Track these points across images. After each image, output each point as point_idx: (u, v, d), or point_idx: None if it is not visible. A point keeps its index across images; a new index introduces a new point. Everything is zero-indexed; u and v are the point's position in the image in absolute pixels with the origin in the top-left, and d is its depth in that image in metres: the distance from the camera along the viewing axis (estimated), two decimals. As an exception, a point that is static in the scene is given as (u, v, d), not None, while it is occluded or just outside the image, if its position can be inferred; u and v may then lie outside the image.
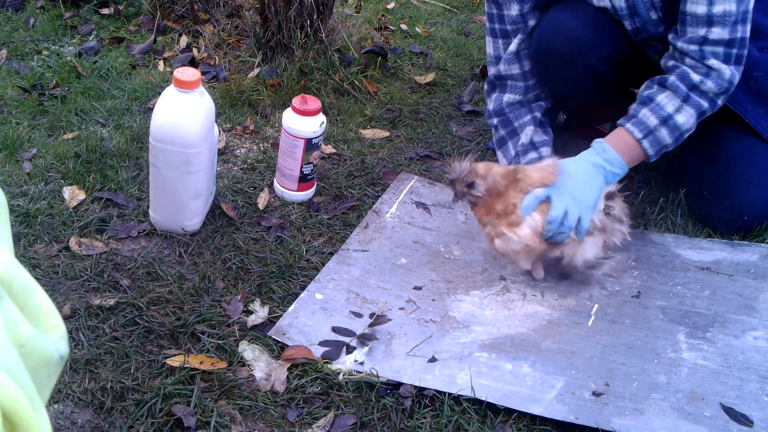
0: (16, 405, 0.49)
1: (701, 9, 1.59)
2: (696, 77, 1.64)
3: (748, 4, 1.59)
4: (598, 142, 1.70)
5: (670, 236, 1.84)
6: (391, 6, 3.24)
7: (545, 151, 1.84)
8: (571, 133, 2.16)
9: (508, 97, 1.89)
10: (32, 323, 0.56)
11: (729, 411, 1.36)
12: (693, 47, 1.62)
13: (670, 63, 1.68)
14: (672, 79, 1.66)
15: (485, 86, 1.97)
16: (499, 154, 1.91)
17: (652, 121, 1.67)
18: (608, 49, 1.79)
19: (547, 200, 1.59)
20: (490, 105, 1.93)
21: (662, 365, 1.46)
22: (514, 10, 1.82)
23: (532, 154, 1.83)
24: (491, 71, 1.92)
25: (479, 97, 2.50)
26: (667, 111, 1.66)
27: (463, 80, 2.61)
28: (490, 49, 1.92)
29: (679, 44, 1.64)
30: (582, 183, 1.63)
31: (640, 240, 1.82)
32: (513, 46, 1.86)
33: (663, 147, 1.70)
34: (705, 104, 1.66)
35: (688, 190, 1.91)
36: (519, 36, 1.85)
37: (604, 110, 2.11)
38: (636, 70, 1.95)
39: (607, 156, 1.67)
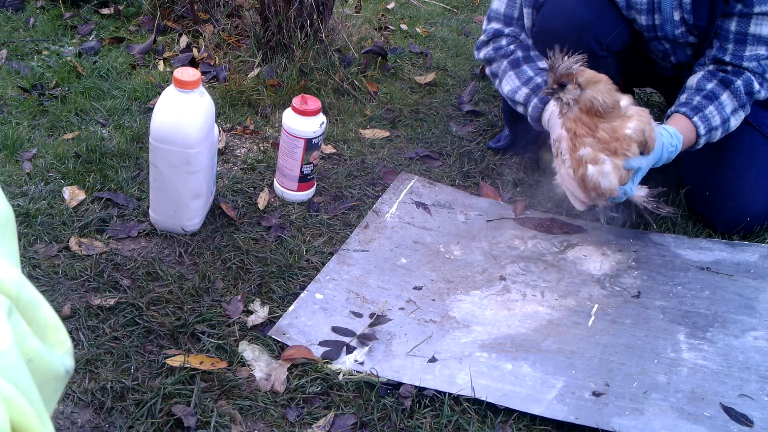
0: (26, 421, 0.50)
1: (766, 30, 1.66)
2: (757, 86, 1.71)
3: None
4: (675, 132, 1.66)
5: (670, 236, 1.84)
6: (391, 6, 3.24)
7: None
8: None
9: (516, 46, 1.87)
10: (39, 338, 0.56)
11: (729, 411, 1.36)
12: (754, 64, 1.69)
13: (730, 68, 1.72)
14: (738, 83, 1.70)
15: (482, 38, 1.91)
16: (511, 74, 1.85)
17: (716, 120, 1.71)
18: (610, 36, 1.79)
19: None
20: (488, 50, 1.89)
21: (662, 365, 1.46)
22: None
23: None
24: (495, 26, 1.88)
25: (479, 97, 2.50)
26: (727, 112, 1.71)
27: (463, 80, 2.61)
28: (500, 6, 1.88)
29: (745, 63, 1.69)
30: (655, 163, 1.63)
31: (640, 240, 1.82)
32: (528, 21, 1.86)
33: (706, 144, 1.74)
34: (749, 110, 1.74)
35: (689, 190, 1.91)
36: (529, 11, 1.85)
37: None
38: (633, 66, 1.95)
39: (677, 148, 1.66)
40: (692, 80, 1.75)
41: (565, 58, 1.47)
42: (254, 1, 2.72)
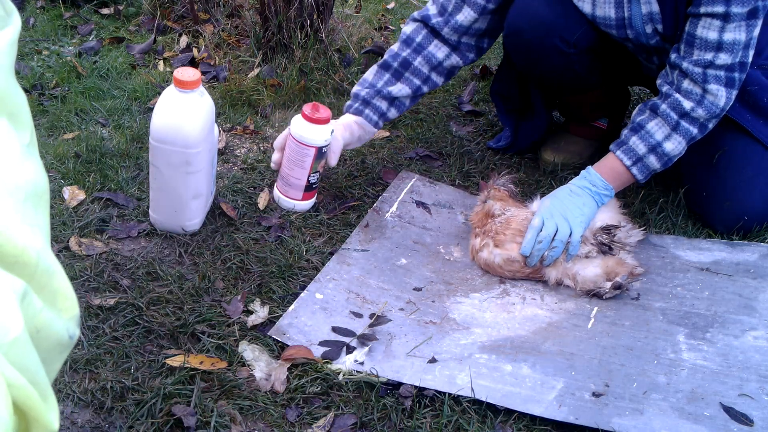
0: (29, 404, 0.54)
1: (712, 35, 1.59)
2: (688, 105, 1.66)
3: (755, 31, 1.61)
4: (585, 169, 1.75)
5: (669, 237, 1.84)
6: (391, 6, 3.24)
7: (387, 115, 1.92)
8: (570, 131, 2.16)
9: (434, 49, 1.89)
10: (48, 304, 0.60)
11: (729, 410, 1.36)
12: (697, 69, 1.63)
13: (665, 88, 1.70)
14: (663, 107, 1.68)
15: (414, 14, 1.91)
16: (378, 70, 1.91)
17: (641, 148, 1.71)
18: (576, 34, 1.80)
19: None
20: (408, 29, 1.90)
21: (662, 366, 1.46)
22: None
23: (378, 101, 1.89)
24: (432, 9, 1.87)
25: (479, 97, 2.50)
26: (656, 139, 1.70)
27: (463, 80, 2.61)
28: None
29: (684, 65, 1.64)
30: (567, 201, 1.68)
31: (639, 242, 1.82)
32: (463, 19, 1.85)
33: (652, 172, 1.75)
34: (695, 130, 1.69)
35: (688, 190, 1.92)
36: (470, 12, 1.84)
37: (599, 107, 2.12)
38: (618, 61, 1.95)
39: (592, 179, 1.72)
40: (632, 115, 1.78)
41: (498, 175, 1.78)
42: (254, 1, 2.72)
